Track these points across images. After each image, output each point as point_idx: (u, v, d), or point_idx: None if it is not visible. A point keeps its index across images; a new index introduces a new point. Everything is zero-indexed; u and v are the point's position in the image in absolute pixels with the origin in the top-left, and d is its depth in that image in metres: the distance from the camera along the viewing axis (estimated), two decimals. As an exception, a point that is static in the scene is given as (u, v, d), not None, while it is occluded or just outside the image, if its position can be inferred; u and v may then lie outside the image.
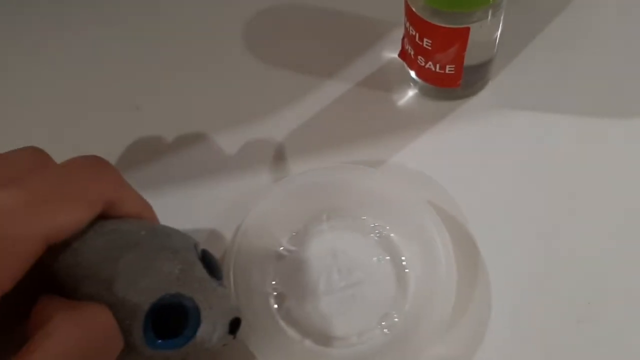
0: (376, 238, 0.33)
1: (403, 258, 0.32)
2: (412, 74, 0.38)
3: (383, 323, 0.30)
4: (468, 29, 0.32)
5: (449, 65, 0.35)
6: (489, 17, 0.32)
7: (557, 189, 0.34)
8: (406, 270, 0.32)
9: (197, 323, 0.24)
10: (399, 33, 0.38)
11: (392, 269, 0.32)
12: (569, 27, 0.41)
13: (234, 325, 0.26)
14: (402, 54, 0.38)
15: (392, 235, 0.33)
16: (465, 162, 0.36)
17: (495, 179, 0.35)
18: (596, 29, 0.41)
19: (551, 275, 0.32)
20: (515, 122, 0.37)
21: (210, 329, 0.24)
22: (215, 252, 0.33)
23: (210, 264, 0.26)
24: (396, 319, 0.30)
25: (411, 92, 0.39)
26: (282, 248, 0.33)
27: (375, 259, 0.32)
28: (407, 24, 0.35)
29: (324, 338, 0.30)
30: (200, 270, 0.25)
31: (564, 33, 0.41)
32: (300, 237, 0.34)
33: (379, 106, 0.39)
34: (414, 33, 0.34)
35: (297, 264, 0.33)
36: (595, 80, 0.39)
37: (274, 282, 0.32)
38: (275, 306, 0.32)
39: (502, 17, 0.34)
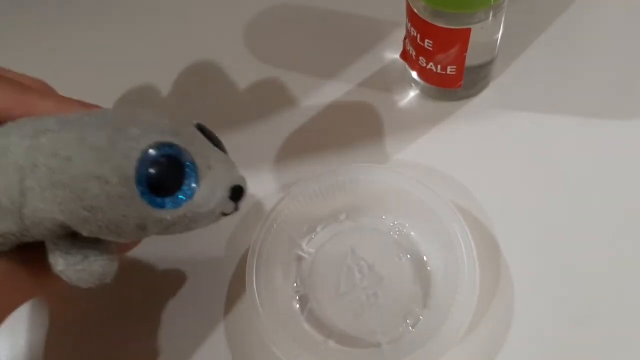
0: (396, 236, 0.33)
1: (424, 256, 0.32)
2: (414, 74, 0.38)
3: (408, 320, 0.31)
4: (469, 29, 0.32)
5: (450, 66, 0.35)
6: (490, 18, 0.33)
7: (557, 190, 0.35)
8: (428, 268, 0.32)
9: (195, 181, 0.22)
10: (400, 34, 0.38)
11: (414, 267, 0.32)
12: (570, 28, 0.41)
13: (237, 193, 0.24)
14: (404, 55, 0.38)
15: (412, 233, 0.33)
16: (467, 163, 0.36)
17: (495, 179, 0.35)
18: (597, 30, 0.41)
19: (553, 275, 0.32)
20: (516, 122, 0.37)
21: (208, 192, 0.23)
22: (235, 258, 0.34)
23: (210, 136, 0.25)
24: (420, 317, 0.30)
25: (412, 93, 0.40)
26: (302, 250, 0.33)
27: (396, 257, 0.33)
28: (409, 25, 0.35)
29: (348, 338, 0.31)
30: (194, 131, 0.23)
31: (565, 34, 0.41)
32: (319, 238, 0.34)
33: (380, 107, 0.39)
34: (415, 34, 0.34)
35: (317, 265, 0.33)
36: (597, 81, 0.39)
37: (295, 284, 0.32)
38: (298, 307, 0.32)
39: (503, 18, 0.34)
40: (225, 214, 0.24)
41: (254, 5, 0.45)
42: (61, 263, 0.22)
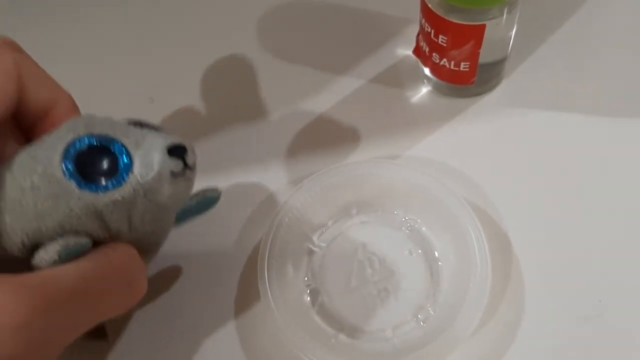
0: (407, 231, 0.33)
1: (435, 251, 0.32)
2: (426, 71, 0.38)
3: (419, 316, 0.31)
4: (484, 26, 0.32)
5: (463, 63, 0.35)
6: (505, 15, 0.33)
7: (569, 187, 0.34)
8: (439, 263, 0.32)
9: (127, 157, 0.24)
10: (413, 30, 0.38)
11: (425, 262, 0.32)
12: (583, 27, 0.41)
13: (177, 151, 0.25)
14: (417, 51, 0.38)
15: (423, 228, 0.33)
16: (478, 159, 0.36)
17: (507, 176, 0.35)
18: (610, 28, 0.41)
19: (565, 272, 0.32)
20: (528, 120, 0.37)
21: (146, 159, 0.24)
22: (246, 251, 0.34)
23: (146, 125, 0.26)
24: (431, 312, 0.31)
25: (425, 89, 0.40)
26: (313, 244, 0.34)
27: (407, 252, 0.33)
28: (423, 21, 0.35)
29: (358, 332, 0.31)
30: (117, 121, 0.25)
31: (578, 32, 0.41)
32: (331, 233, 0.34)
33: (392, 103, 0.39)
34: (429, 30, 0.34)
35: (329, 259, 0.33)
36: (609, 79, 0.39)
37: (306, 278, 0.33)
38: (309, 300, 0.32)
39: (517, 15, 0.34)
40: (177, 174, 0.25)
41: (267, 1, 0.45)
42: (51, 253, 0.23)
